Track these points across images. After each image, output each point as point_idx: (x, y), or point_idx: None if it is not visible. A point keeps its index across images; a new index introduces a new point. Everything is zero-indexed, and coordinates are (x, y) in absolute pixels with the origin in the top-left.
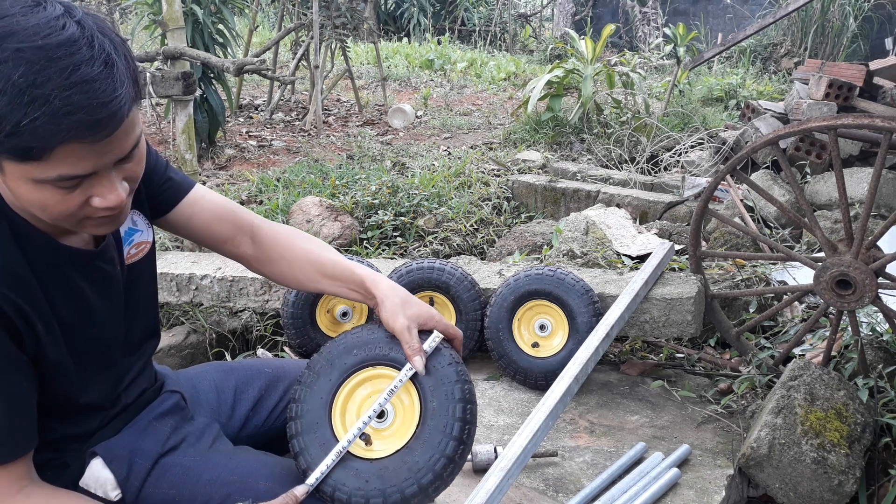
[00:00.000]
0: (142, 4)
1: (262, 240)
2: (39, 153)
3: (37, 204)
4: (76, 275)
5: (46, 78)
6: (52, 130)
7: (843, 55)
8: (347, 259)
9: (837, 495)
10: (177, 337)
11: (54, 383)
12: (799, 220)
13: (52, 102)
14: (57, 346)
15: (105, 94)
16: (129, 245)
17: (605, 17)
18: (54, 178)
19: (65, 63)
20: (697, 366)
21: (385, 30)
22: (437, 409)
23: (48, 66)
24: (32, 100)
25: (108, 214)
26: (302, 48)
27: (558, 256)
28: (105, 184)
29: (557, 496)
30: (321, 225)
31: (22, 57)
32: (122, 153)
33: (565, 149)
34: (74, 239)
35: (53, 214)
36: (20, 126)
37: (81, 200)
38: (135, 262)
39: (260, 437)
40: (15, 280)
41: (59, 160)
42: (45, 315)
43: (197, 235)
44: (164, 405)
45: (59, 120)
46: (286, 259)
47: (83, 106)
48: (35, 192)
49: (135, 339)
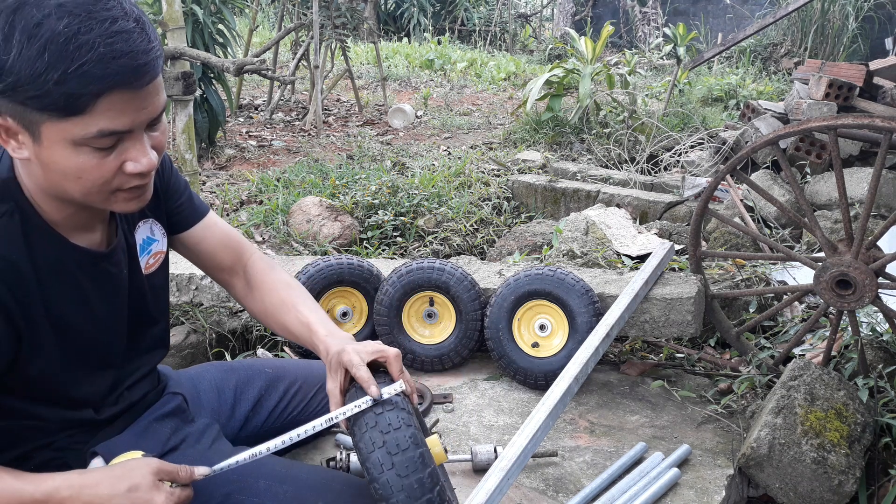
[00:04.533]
0: (142, 4)
1: (249, 278)
2: (85, 103)
3: (73, 171)
4: (82, 275)
5: (89, 28)
6: (100, 75)
7: (843, 55)
8: (317, 319)
9: (837, 495)
10: (177, 337)
11: (37, 371)
12: (799, 220)
13: (97, 49)
14: (42, 345)
15: (144, 44)
16: (147, 255)
17: (605, 17)
18: (95, 133)
19: (104, 16)
20: (697, 366)
21: (385, 30)
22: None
23: (90, 18)
24: (79, 46)
25: (139, 184)
26: (302, 48)
27: (558, 256)
28: (139, 146)
29: (557, 496)
30: (321, 225)
31: (64, 10)
32: (155, 112)
33: (565, 149)
34: (85, 238)
35: (87, 184)
36: (68, 73)
37: (116, 166)
38: (152, 273)
39: (260, 437)
40: (10, 273)
41: (100, 112)
42: (34, 312)
43: (201, 260)
44: (165, 407)
45: (106, 64)
46: (264, 303)
47: (126, 52)
48: (72, 158)
49: (143, 346)
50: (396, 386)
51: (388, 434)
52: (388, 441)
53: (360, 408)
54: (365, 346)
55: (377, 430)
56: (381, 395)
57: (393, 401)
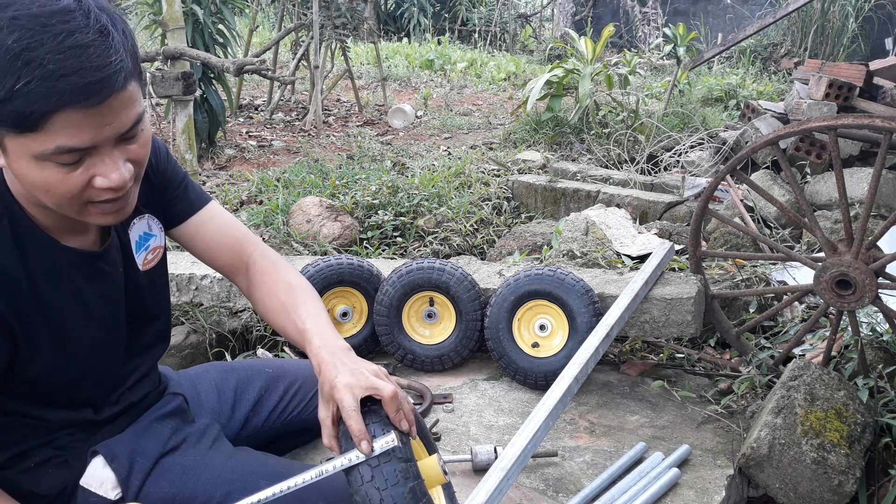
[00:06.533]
0: (142, 4)
1: (251, 278)
2: (36, 121)
3: (40, 185)
4: (77, 275)
5: (40, 42)
6: (46, 94)
7: (843, 55)
8: (306, 326)
9: (837, 495)
10: (177, 337)
11: (38, 373)
12: (799, 220)
13: (45, 66)
14: (41, 347)
15: (98, 60)
16: (145, 251)
17: (605, 17)
18: (53, 150)
19: (58, 29)
20: (697, 366)
21: (385, 30)
22: None
23: (42, 32)
24: (26, 63)
25: (112, 198)
26: (302, 48)
27: (558, 256)
28: (107, 162)
29: (557, 496)
30: (321, 225)
31: (17, 24)
32: (122, 128)
33: (565, 149)
34: (77, 240)
35: (57, 197)
36: (14, 91)
37: (84, 180)
38: (150, 269)
39: (260, 437)
40: (1, 278)
41: (56, 130)
42: (30, 315)
43: (197, 256)
44: (166, 407)
45: (52, 83)
46: (265, 304)
47: (76, 69)
48: (37, 171)
49: (143, 342)
50: (389, 440)
51: (385, 491)
52: (385, 498)
53: (352, 462)
54: (359, 378)
55: (373, 485)
56: (374, 450)
57: (389, 452)
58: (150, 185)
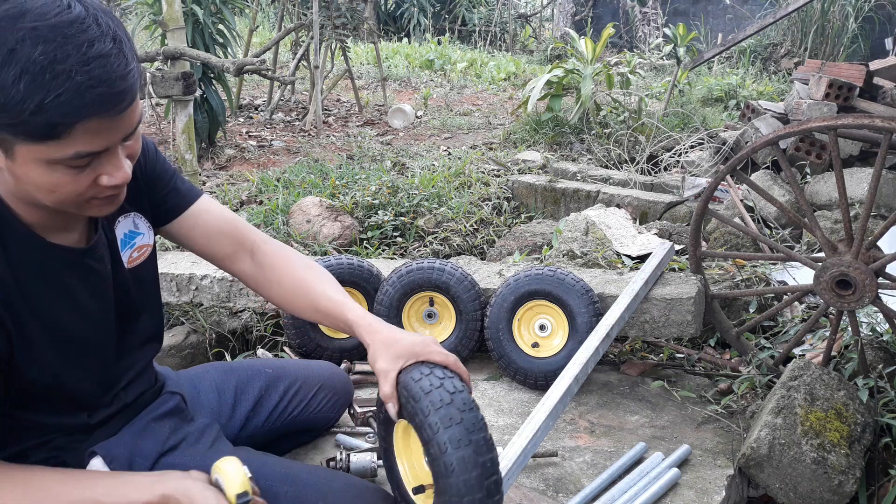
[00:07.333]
0: (142, 4)
1: (261, 261)
2: (61, 131)
3: (46, 186)
4: (65, 272)
5: (66, 54)
6: (77, 105)
7: (843, 55)
8: (340, 297)
9: (837, 495)
10: (177, 337)
11: (34, 375)
12: (799, 220)
13: (73, 78)
14: (35, 347)
15: (121, 68)
16: (130, 248)
17: (605, 17)
18: (70, 156)
19: (80, 39)
20: (697, 366)
21: (385, 30)
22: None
23: (65, 43)
24: (55, 76)
25: (112, 193)
26: (302, 48)
27: (558, 256)
28: (114, 161)
29: (557, 496)
30: (321, 225)
31: (39, 35)
32: (131, 128)
33: (565, 149)
34: (63, 237)
35: (62, 196)
36: (44, 104)
37: (90, 180)
38: (137, 266)
39: (260, 437)
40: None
41: (76, 137)
42: (20, 314)
43: (197, 249)
44: (164, 407)
45: (83, 94)
46: (282, 285)
47: (104, 80)
48: (46, 175)
49: (134, 341)
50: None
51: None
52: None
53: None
54: (426, 342)
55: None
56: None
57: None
58: (135, 183)
